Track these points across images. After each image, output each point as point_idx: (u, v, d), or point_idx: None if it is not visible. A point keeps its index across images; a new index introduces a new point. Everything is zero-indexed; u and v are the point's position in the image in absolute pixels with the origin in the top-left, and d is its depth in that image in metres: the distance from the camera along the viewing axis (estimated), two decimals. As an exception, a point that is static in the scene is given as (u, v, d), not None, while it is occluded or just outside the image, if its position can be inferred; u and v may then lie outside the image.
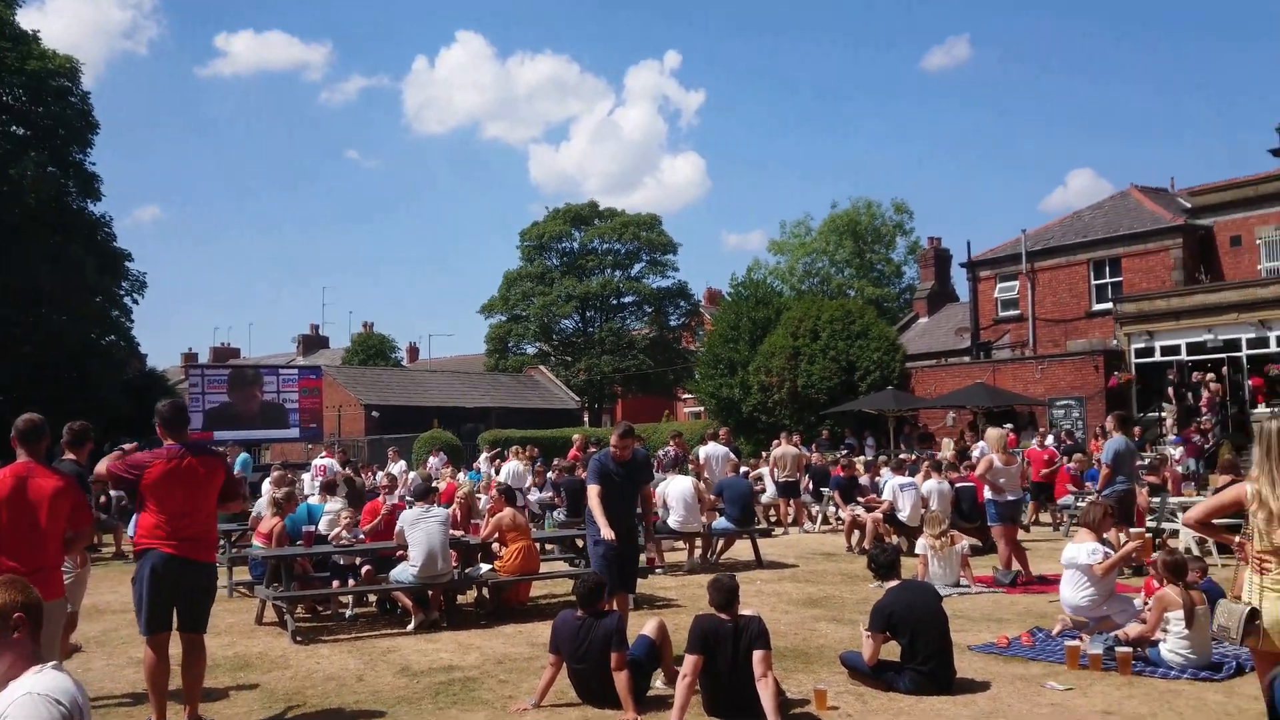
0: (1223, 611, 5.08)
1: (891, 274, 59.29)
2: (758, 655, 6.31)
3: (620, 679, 6.50)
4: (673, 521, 13.65)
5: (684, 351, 55.44)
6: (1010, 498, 12.30)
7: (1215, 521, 5.68)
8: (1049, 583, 11.75)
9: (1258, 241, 30.12)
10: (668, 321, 57.67)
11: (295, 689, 7.60)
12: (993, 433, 12.95)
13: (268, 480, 16.72)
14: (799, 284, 56.51)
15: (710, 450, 18.05)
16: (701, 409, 44.11)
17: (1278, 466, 4.92)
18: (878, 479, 17.63)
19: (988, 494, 12.40)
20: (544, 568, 11.61)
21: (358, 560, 10.73)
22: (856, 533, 15.47)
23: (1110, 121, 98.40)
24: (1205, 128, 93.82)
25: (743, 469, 19.82)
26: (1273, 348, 26.66)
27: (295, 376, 34.26)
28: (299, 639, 9.29)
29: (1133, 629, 7.78)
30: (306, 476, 20.60)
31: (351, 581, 10.68)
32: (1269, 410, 23.79)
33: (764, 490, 19.54)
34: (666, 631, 7.14)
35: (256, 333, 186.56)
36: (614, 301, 57.01)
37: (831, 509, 18.80)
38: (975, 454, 20.17)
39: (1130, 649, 7.50)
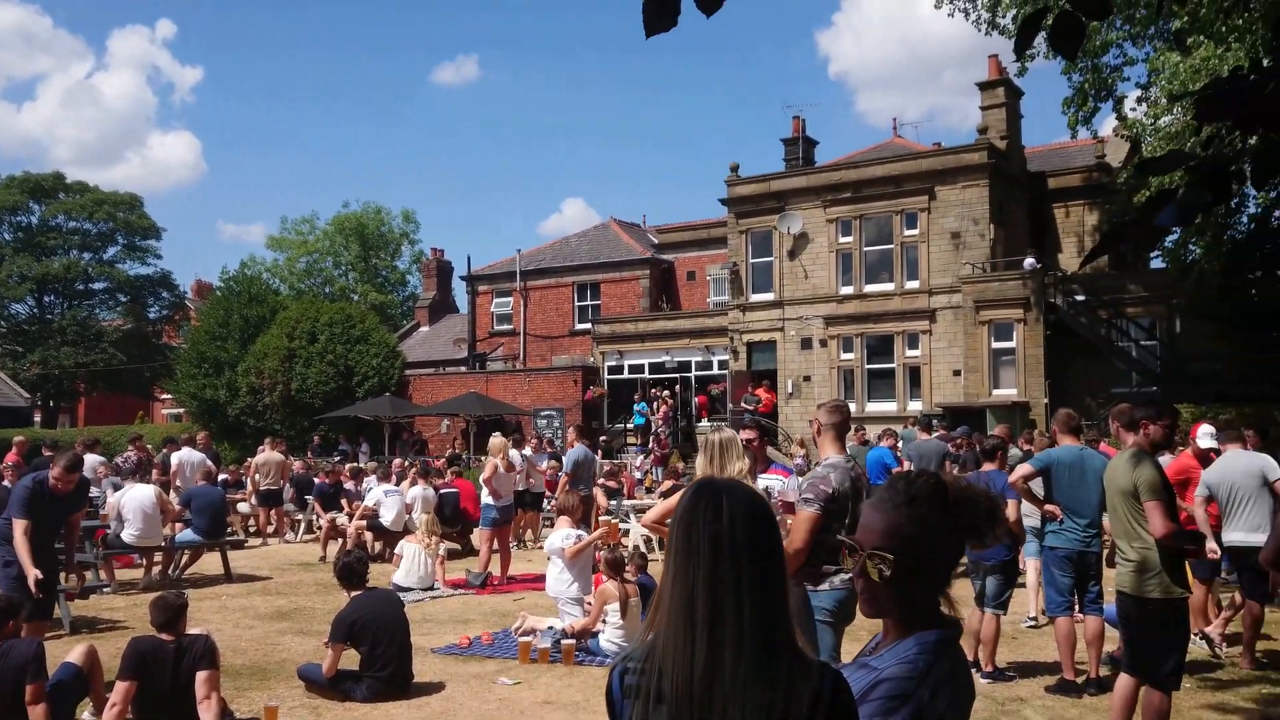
0: None
1: (396, 281, 59.52)
2: (201, 676, 5.93)
3: (36, 712, 5.72)
4: (129, 535, 12.34)
5: (165, 347, 50.52)
6: (506, 502, 12.87)
7: (668, 522, 6.45)
8: (517, 582, 12.50)
9: (708, 278, 34.87)
10: (146, 313, 52.25)
11: None
12: (496, 441, 13.38)
13: None
14: (299, 283, 54.55)
15: (184, 456, 16.66)
16: (182, 411, 40.64)
17: (719, 472, 5.61)
18: (361, 487, 17.49)
19: (486, 498, 12.77)
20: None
21: None
22: (340, 540, 15.17)
23: (599, 157, 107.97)
24: (673, 172, 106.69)
25: (223, 476, 18.57)
26: (715, 370, 31.01)
27: None
28: None
29: (577, 623, 8.52)
30: None
31: None
32: (710, 424, 27.52)
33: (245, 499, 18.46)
34: (97, 657, 6.41)
35: None
36: (80, 287, 50.40)
37: (314, 517, 18.26)
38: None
39: (574, 641, 8.21)
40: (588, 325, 34.66)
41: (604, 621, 8.34)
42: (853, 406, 26.75)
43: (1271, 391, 12.44)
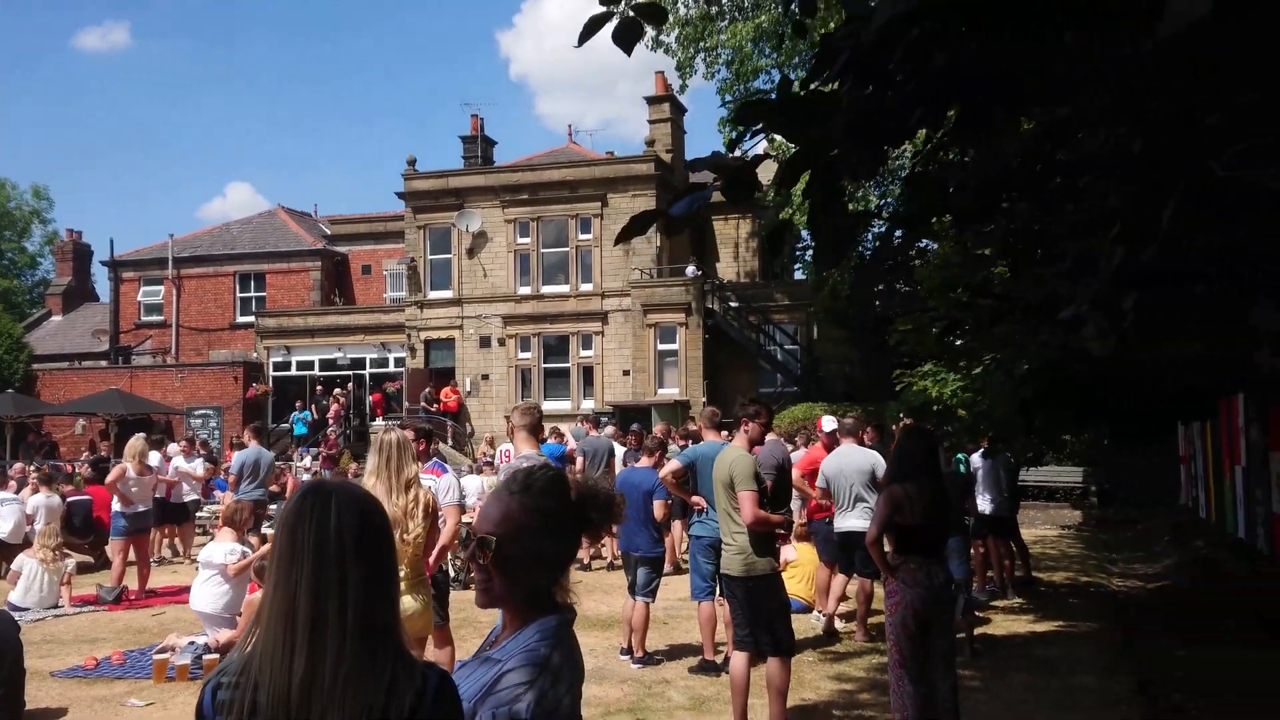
0: None
1: (25, 265, 53.03)
2: None
3: None
4: None
5: None
6: (140, 509, 11.83)
7: None
8: (158, 596, 11.57)
9: (385, 272, 34.02)
10: None
11: None
12: (131, 442, 12.35)
13: None
14: (-103, 262, 47.18)
15: None
16: None
17: (395, 474, 5.45)
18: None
19: (116, 505, 11.72)
20: None
21: None
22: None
23: (269, 141, 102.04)
24: (348, 162, 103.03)
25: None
26: (392, 367, 30.33)
27: None
28: None
29: (223, 635, 8.02)
30: None
31: None
32: (385, 423, 26.87)
33: None
34: None
35: None
36: None
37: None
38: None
39: (217, 656, 7.71)
40: (251, 318, 32.61)
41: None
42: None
43: (888, 391, 14.21)
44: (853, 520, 8.69)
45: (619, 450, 14.99)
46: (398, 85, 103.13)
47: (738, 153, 24.88)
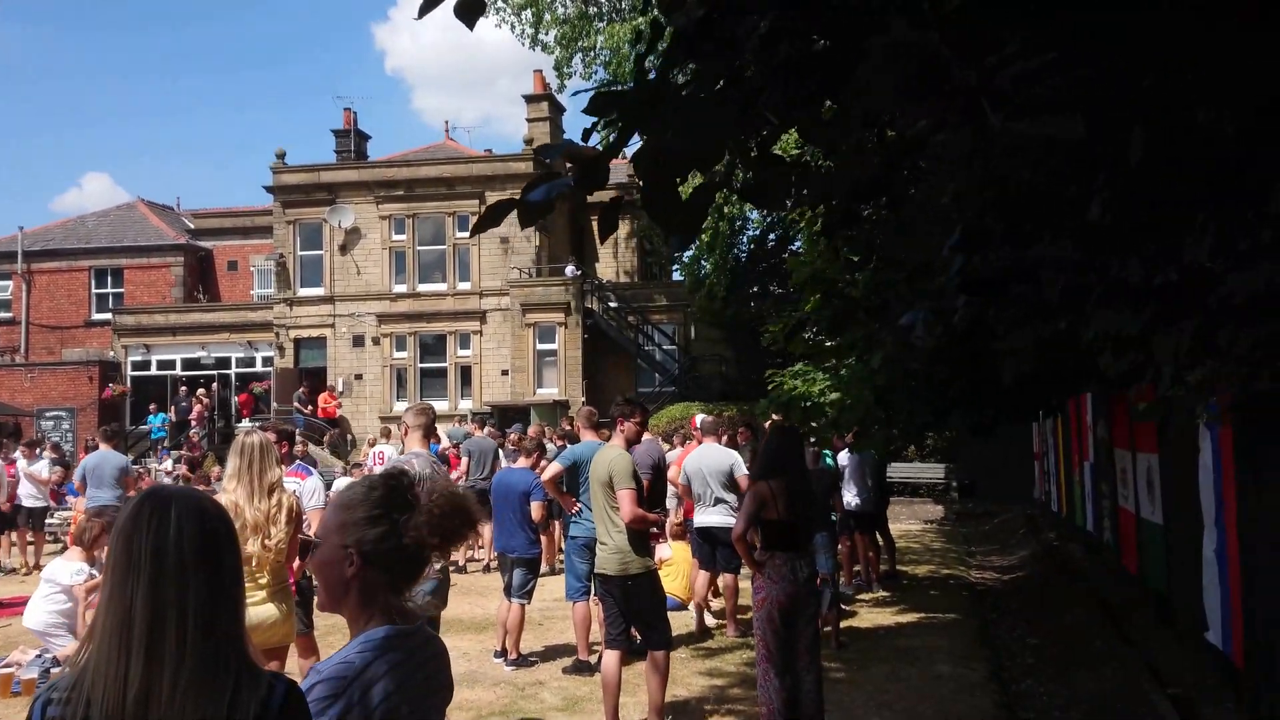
0: None
1: None
2: None
3: None
4: None
5: None
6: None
7: None
8: (5, 607, 10.93)
9: (252, 268, 32.85)
10: None
11: None
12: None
13: None
14: None
15: None
16: None
17: (257, 478, 5.23)
18: None
19: None
20: None
21: None
22: None
23: (129, 130, 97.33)
24: (214, 154, 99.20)
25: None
26: (259, 367, 29.33)
27: None
28: None
29: (71, 647, 7.62)
30: None
31: None
32: (250, 424, 25.94)
33: None
34: None
35: None
36: None
37: None
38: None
39: (65, 669, 7.32)
40: (108, 315, 31.04)
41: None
42: (405, 406, 26.71)
43: (763, 391, 14.52)
44: (712, 517, 8.83)
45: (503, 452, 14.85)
46: (267, 75, 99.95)
47: (592, 142, 25.22)
